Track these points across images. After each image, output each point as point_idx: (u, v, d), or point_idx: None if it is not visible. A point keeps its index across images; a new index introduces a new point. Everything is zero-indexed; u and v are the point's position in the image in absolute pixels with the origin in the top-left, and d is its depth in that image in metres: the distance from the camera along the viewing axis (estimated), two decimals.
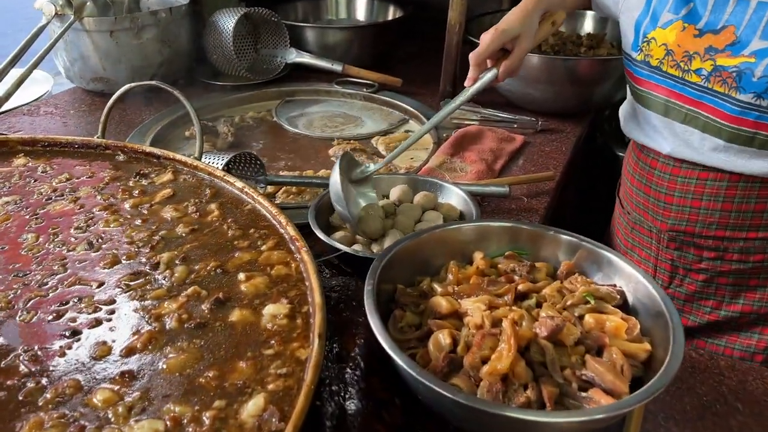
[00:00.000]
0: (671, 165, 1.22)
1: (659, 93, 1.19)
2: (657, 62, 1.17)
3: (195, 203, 1.06)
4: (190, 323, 0.80)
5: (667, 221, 1.27)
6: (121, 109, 1.81)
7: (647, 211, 1.31)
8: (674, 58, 1.13)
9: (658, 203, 1.27)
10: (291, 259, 0.92)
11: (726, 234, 1.21)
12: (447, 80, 1.88)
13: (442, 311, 0.85)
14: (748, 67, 1.03)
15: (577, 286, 0.89)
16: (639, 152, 1.32)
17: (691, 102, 1.14)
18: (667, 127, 1.20)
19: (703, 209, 1.21)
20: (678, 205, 1.24)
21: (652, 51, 1.17)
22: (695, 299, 1.31)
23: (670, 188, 1.24)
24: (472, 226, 0.99)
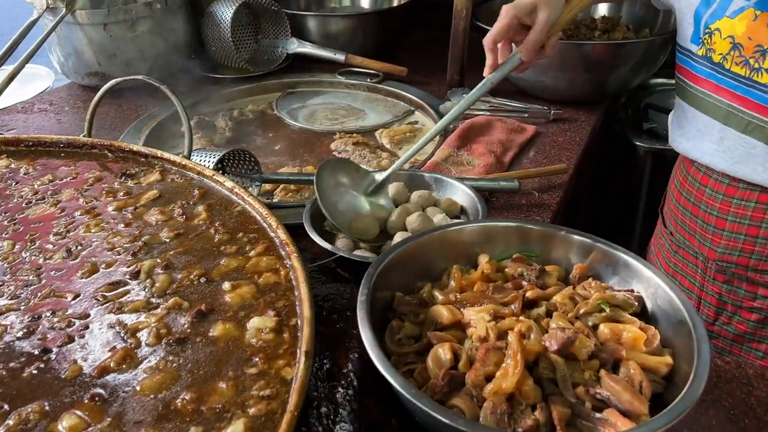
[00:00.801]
0: (726, 184, 1.07)
1: (720, 95, 1.02)
2: (720, 58, 1.00)
3: (182, 205, 0.99)
4: (169, 338, 0.74)
5: (716, 249, 1.11)
6: (117, 105, 1.76)
7: (694, 234, 1.15)
8: (742, 54, 0.97)
9: (707, 227, 1.11)
10: (280, 266, 0.85)
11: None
12: (454, 68, 1.80)
13: (443, 322, 0.78)
14: None
15: (590, 292, 0.82)
16: (689, 165, 1.15)
17: (757, 108, 0.97)
18: (725, 137, 1.04)
19: (761, 239, 1.05)
20: (731, 231, 1.08)
21: (714, 45, 1.01)
22: (745, 341, 1.15)
23: (723, 211, 1.08)
24: (476, 226, 0.92)
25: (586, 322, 0.78)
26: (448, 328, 0.79)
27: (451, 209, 1.10)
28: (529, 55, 1.04)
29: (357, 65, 1.91)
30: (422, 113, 1.75)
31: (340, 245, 1.02)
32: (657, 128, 1.79)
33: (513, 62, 1.06)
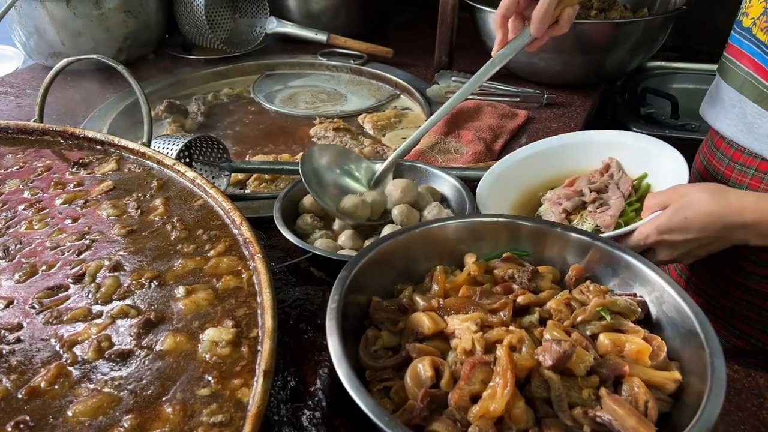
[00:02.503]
0: (733, 148, 1.01)
1: (741, 62, 0.96)
2: (750, 22, 0.93)
3: (137, 198, 0.90)
4: (111, 353, 0.65)
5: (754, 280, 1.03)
6: (82, 89, 1.65)
7: None
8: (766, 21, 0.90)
9: None
10: (243, 268, 0.76)
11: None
12: (443, 49, 1.70)
13: (425, 331, 0.70)
14: None
15: (589, 296, 0.74)
16: (713, 134, 1.09)
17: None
18: (737, 105, 0.98)
19: None
20: None
21: (750, 8, 0.93)
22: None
23: (726, 174, 1.03)
24: (462, 223, 0.83)
25: (584, 332, 0.70)
26: (430, 339, 0.70)
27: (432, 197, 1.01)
28: (537, 29, 0.93)
29: (340, 46, 1.81)
30: (408, 97, 1.66)
31: (316, 242, 0.93)
32: (655, 113, 1.70)
33: (523, 38, 0.96)
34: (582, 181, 1.07)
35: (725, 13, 2.11)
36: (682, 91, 1.86)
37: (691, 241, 0.83)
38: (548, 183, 1.13)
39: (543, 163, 1.14)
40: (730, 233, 0.80)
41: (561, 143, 1.16)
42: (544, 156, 1.15)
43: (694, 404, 0.62)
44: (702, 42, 2.08)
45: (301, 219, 0.98)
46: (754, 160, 0.98)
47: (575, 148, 1.14)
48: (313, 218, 0.99)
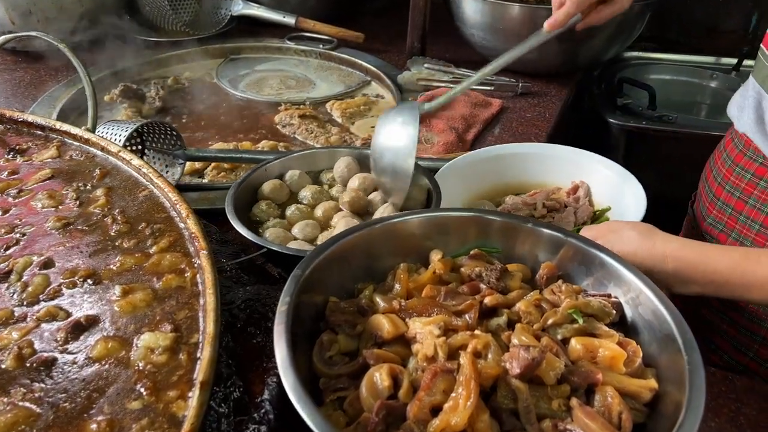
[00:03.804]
0: (738, 149, 0.93)
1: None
2: None
3: (77, 188, 0.83)
4: (33, 360, 0.58)
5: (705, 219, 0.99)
6: (34, 70, 1.56)
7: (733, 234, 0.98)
8: None
9: (752, 224, 0.94)
10: (187, 266, 0.69)
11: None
12: (415, 35, 1.64)
13: (384, 336, 0.64)
14: None
15: (560, 297, 0.69)
16: (728, 134, 1.00)
17: None
18: (757, 107, 0.90)
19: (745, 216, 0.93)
20: None
21: None
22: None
23: (726, 177, 0.95)
24: (426, 217, 0.78)
25: (554, 336, 0.65)
26: (390, 343, 0.64)
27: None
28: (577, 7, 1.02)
29: (309, 30, 1.74)
30: (379, 84, 1.59)
31: (270, 235, 0.87)
32: (632, 104, 1.66)
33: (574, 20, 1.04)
34: (541, 195, 1.04)
35: (703, 5, 2.09)
36: (659, 82, 1.82)
37: None
38: (510, 189, 1.09)
39: (510, 167, 1.11)
40: (651, 275, 0.74)
41: (533, 151, 1.13)
42: (513, 160, 1.11)
43: (671, 415, 0.57)
44: (680, 33, 2.04)
45: (257, 206, 0.92)
46: (753, 163, 0.92)
47: (547, 160, 1.10)
48: (269, 205, 0.93)
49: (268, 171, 0.98)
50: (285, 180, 0.98)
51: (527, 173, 1.10)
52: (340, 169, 0.99)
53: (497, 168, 1.10)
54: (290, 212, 0.92)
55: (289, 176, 0.98)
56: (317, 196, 0.96)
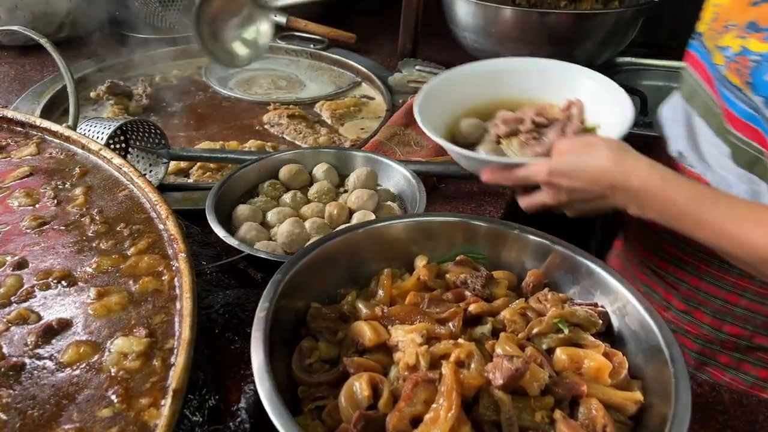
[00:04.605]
0: (679, 163, 0.92)
1: (696, 71, 0.89)
2: (704, 28, 0.87)
3: (55, 187, 0.81)
4: (2, 365, 0.57)
5: (643, 243, 0.99)
6: (19, 65, 1.53)
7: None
8: (713, 27, 0.83)
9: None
10: (165, 268, 0.68)
11: (702, 286, 0.92)
12: (407, 37, 1.63)
13: (366, 343, 0.63)
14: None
15: (546, 306, 0.68)
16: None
17: (714, 91, 0.83)
18: (686, 117, 0.90)
19: (684, 246, 0.91)
20: None
21: (704, 13, 0.88)
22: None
23: None
24: (411, 222, 0.76)
25: (539, 345, 0.64)
26: (371, 351, 0.63)
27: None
28: None
29: (300, 29, 1.72)
30: (369, 85, 1.58)
31: (249, 236, 0.85)
32: None
33: None
34: (530, 111, 0.98)
35: (695, 11, 2.09)
36: (651, 87, 1.82)
37: (577, 191, 0.78)
38: (502, 107, 1.01)
39: (502, 83, 1.05)
40: (613, 194, 0.76)
41: (527, 67, 1.06)
42: (506, 76, 1.05)
43: (656, 428, 0.56)
44: (672, 39, 2.04)
45: (240, 209, 0.90)
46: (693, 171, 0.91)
47: (541, 76, 1.04)
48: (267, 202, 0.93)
49: (261, 169, 0.97)
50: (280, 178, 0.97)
51: (520, 90, 1.04)
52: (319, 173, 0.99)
53: (489, 84, 1.04)
54: (272, 217, 0.91)
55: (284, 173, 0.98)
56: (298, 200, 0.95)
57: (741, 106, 0.77)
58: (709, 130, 0.85)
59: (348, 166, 1.02)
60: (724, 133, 0.82)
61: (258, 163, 0.98)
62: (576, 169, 0.77)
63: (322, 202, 0.94)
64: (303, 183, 0.99)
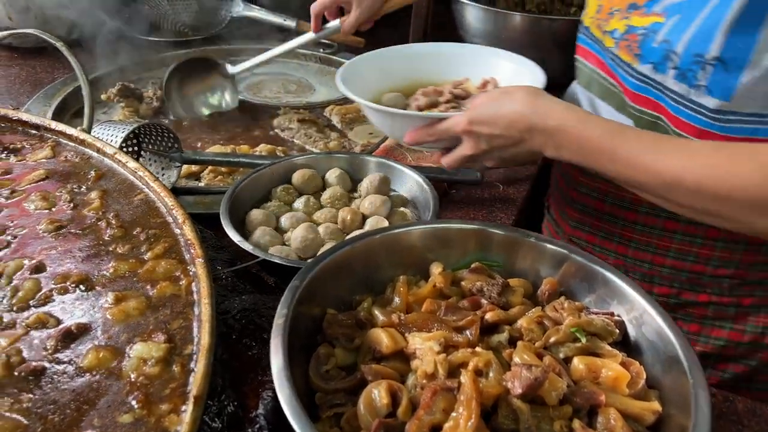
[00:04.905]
0: None
1: (588, 61, 0.96)
2: (589, 21, 0.93)
3: (71, 190, 0.81)
4: (22, 369, 0.57)
5: (569, 221, 1.03)
6: (30, 67, 1.54)
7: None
8: (600, 17, 0.89)
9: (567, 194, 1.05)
10: (182, 273, 0.68)
11: (629, 252, 0.97)
12: (416, 41, 1.63)
13: (383, 350, 0.63)
14: (654, 29, 0.79)
15: (563, 315, 0.67)
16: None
17: (609, 73, 0.90)
18: (589, 102, 0.97)
19: (607, 215, 0.97)
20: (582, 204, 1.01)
21: (588, 7, 0.94)
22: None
23: (576, 178, 1.01)
24: (428, 229, 0.76)
25: (557, 354, 0.64)
26: (388, 359, 0.63)
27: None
28: (345, 33, 1.28)
29: None
30: None
31: (263, 241, 0.85)
32: None
33: (333, 28, 1.28)
34: (449, 86, 1.05)
35: None
36: None
37: (496, 137, 0.81)
38: (422, 85, 1.08)
39: (421, 65, 1.12)
40: (531, 136, 0.78)
41: (443, 50, 1.14)
42: (424, 59, 1.13)
43: None
44: None
45: (252, 213, 0.90)
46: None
47: (458, 58, 1.11)
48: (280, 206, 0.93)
49: (273, 174, 0.97)
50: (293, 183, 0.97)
51: (438, 71, 1.11)
52: (331, 179, 0.99)
53: (410, 65, 1.12)
54: (285, 222, 0.91)
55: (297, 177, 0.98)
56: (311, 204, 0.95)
57: (632, 80, 0.84)
58: (611, 108, 0.91)
59: (360, 171, 1.02)
60: (624, 107, 0.88)
61: (271, 167, 0.98)
62: (494, 115, 0.80)
63: (335, 208, 0.95)
64: (316, 188, 0.99)
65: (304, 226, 0.86)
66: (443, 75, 1.09)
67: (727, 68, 0.73)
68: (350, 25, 1.26)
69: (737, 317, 0.93)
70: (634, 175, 0.72)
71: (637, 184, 0.74)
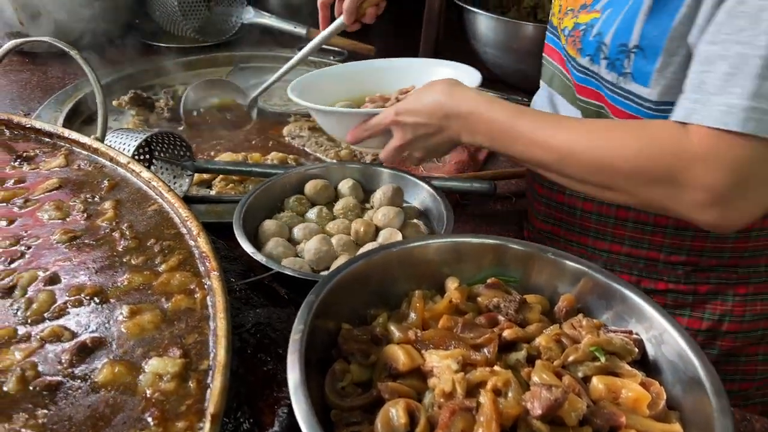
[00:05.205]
0: None
1: (552, 58, 1.00)
2: (554, 19, 0.97)
3: (84, 200, 0.81)
4: (38, 384, 0.56)
5: (537, 216, 1.07)
6: (41, 72, 1.54)
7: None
8: (559, 16, 0.94)
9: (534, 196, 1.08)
10: (197, 286, 0.67)
11: (588, 242, 0.99)
12: (427, 49, 1.63)
13: (399, 368, 0.62)
14: (591, 24, 0.84)
15: (581, 332, 0.67)
16: None
17: (565, 68, 0.95)
18: (549, 97, 1.01)
19: (566, 207, 1.00)
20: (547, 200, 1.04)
21: (554, 8, 0.98)
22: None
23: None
24: (446, 243, 0.76)
25: (575, 373, 0.63)
26: (405, 376, 0.62)
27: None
28: (347, 19, 1.19)
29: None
30: None
31: (276, 252, 0.85)
32: None
33: (339, 23, 1.21)
34: (395, 93, 1.09)
35: None
36: None
37: (420, 125, 0.86)
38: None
39: (367, 80, 1.17)
40: (448, 123, 0.84)
41: (388, 66, 1.20)
42: (370, 74, 1.18)
43: None
44: None
45: (265, 224, 0.90)
46: None
47: (402, 72, 1.16)
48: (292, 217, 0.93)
49: (286, 184, 0.97)
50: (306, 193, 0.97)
51: (390, 83, 1.15)
52: (344, 189, 0.99)
53: (362, 79, 1.17)
54: (298, 233, 0.90)
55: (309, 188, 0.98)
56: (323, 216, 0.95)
57: (577, 73, 0.88)
58: (566, 101, 0.96)
59: (373, 182, 1.02)
60: (575, 101, 0.92)
61: (283, 177, 0.98)
62: (417, 105, 0.86)
63: (348, 219, 0.94)
64: (328, 198, 0.99)
65: (317, 238, 0.86)
66: (394, 86, 1.14)
67: (645, 55, 0.77)
68: (349, 9, 1.19)
69: (695, 305, 0.96)
70: (534, 152, 0.77)
71: (537, 162, 0.78)
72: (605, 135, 0.73)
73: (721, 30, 0.66)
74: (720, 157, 0.65)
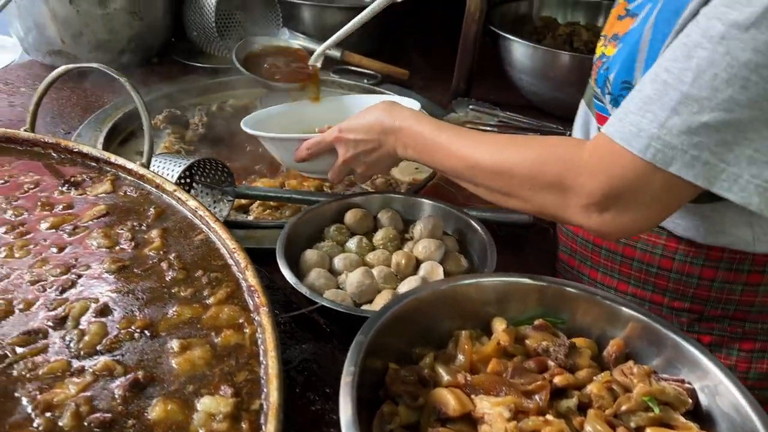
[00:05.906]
0: None
1: (592, 78, 0.97)
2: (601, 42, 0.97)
3: (132, 228, 0.81)
4: (92, 420, 0.56)
5: (559, 247, 1.07)
6: (81, 91, 1.56)
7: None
8: (601, 41, 0.93)
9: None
10: (246, 321, 0.67)
11: (598, 277, 1.00)
12: (461, 75, 1.63)
13: (449, 413, 0.61)
14: (607, 57, 0.84)
15: (632, 380, 0.66)
16: None
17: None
18: (585, 116, 1.01)
19: (580, 239, 1.00)
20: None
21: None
22: None
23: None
24: (492, 282, 0.75)
25: (628, 423, 0.62)
26: (454, 421, 0.62)
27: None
28: None
29: (354, 64, 1.73)
30: None
31: (318, 284, 0.85)
32: None
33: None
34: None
35: None
36: None
37: (360, 142, 0.93)
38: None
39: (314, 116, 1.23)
40: (386, 138, 0.91)
41: (340, 101, 1.31)
42: (316, 110, 1.27)
43: None
44: None
45: (307, 254, 0.90)
46: None
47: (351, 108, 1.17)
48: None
49: (326, 212, 0.98)
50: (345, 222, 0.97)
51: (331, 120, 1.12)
52: (384, 219, 0.99)
53: (312, 114, 1.25)
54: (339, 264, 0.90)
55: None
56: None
57: (596, 101, 0.89)
58: (599, 126, 0.95)
59: (413, 212, 1.01)
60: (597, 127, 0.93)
61: (323, 206, 0.98)
62: (358, 123, 0.93)
63: (388, 250, 0.94)
64: (367, 228, 0.99)
65: (360, 271, 0.86)
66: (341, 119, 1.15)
67: None
68: None
69: None
70: (451, 162, 0.83)
71: (453, 171, 0.84)
72: (510, 146, 0.79)
73: (665, 56, 0.66)
74: (605, 167, 0.68)
